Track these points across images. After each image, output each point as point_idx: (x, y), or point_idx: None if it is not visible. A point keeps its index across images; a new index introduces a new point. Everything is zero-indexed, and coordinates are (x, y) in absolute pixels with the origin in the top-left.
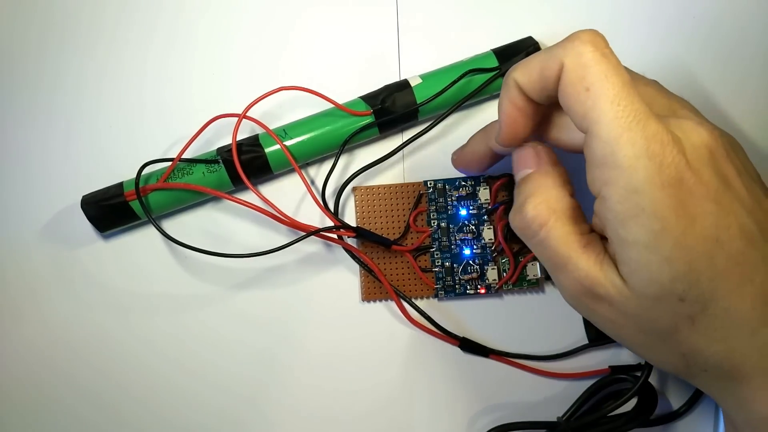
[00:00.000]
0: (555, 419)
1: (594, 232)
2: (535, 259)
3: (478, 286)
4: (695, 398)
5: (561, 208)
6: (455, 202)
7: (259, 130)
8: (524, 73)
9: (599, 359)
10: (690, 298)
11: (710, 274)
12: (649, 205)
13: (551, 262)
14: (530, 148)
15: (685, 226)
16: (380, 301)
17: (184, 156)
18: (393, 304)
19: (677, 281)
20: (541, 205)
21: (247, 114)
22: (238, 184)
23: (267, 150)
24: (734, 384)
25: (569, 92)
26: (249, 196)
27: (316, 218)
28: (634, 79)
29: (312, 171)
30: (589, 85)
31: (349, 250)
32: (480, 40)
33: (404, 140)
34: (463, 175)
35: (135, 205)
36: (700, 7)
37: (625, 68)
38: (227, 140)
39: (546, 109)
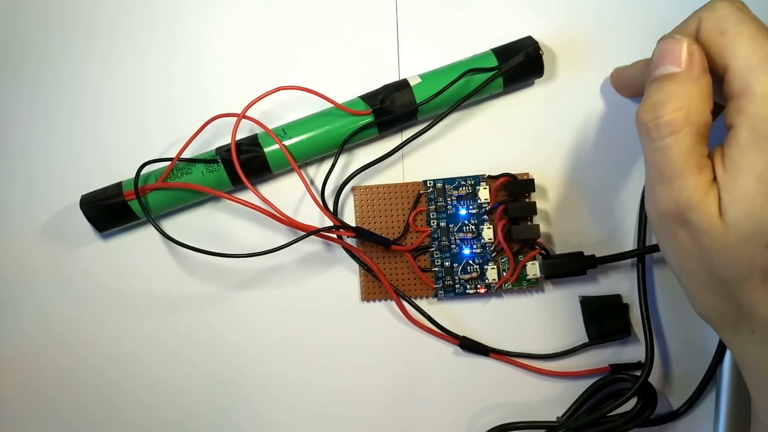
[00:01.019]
0: (555, 419)
1: (710, 159)
2: (534, 258)
3: (478, 286)
4: (695, 398)
5: (698, 122)
6: (455, 202)
7: (258, 130)
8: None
9: (599, 358)
10: None
11: None
12: None
13: (660, 170)
14: (683, 43)
15: None
16: (380, 300)
17: (183, 156)
18: (393, 304)
19: None
20: (681, 111)
21: (246, 114)
22: (237, 184)
23: (266, 150)
24: None
25: (706, 37)
26: (248, 196)
27: (316, 218)
28: None
29: (311, 171)
30: (724, 29)
31: (348, 249)
32: (479, 40)
33: (403, 140)
34: (462, 175)
35: (134, 204)
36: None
37: None
38: (226, 140)
39: None
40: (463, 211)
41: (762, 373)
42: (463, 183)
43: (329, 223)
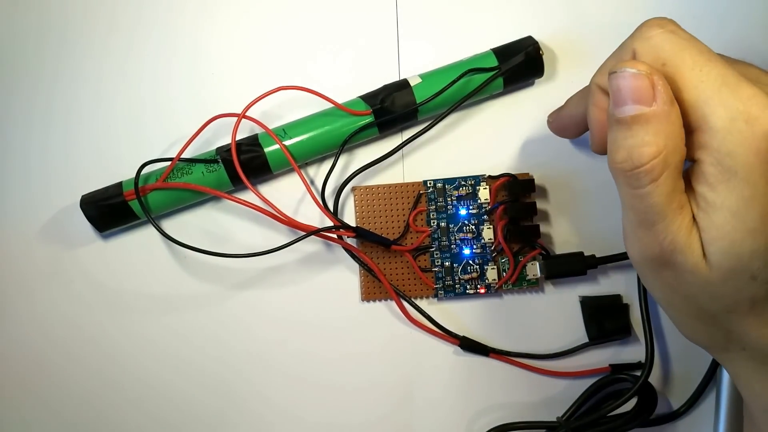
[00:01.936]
0: (555, 419)
1: (685, 193)
2: (534, 258)
3: (478, 286)
4: (695, 398)
5: (675, 162)
6: (455, 202)
7: (258, 130)
8: (602, 74)
9: (599, 358)
10: (762, 277)
11: None
12: (742, 169)
13: (641, 216)
14: (646, 79)
15: None
16: (380, 300)
17: (183, 156)
18: (393, 304)
19: (755, 257)
20: (659, 157)
21: (247, 114)
22: (237, 184)
23: (266, 150)
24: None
25: None
26: (248, 196)
27: (316, 218)
28: (732, 61)
29: (311, 171)
30: (665, 60)
31: (348, 249)
32: (480, 40)
33: (404, 140)
34: (462, 175)
35: (134, 204)
36: (701, 8)
37: (722, 56)
38: (226, 140)
39: None
40: (463, 211)
41: (755, 383)
42: (463, 183)
43: (329, 223)
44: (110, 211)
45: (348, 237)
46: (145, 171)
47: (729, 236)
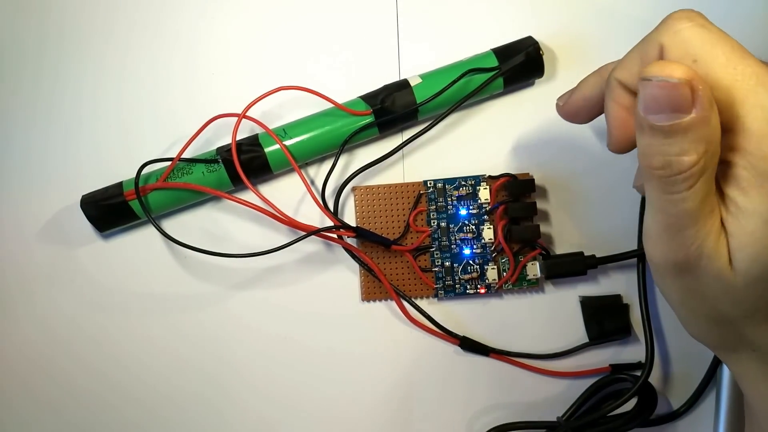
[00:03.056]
0: (555, 419)
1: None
2: (534, 258)
3: (478, 286)
4: (695, 398)
5: (712, 166)
6: (455, 202)
7: (258, 130)
8: (624, 69)
9: (599, 358)
10: None
11: None
12: None
13: (672, 220)
14: (686, 87)
15: None
16: (380, 300)
17: (183, 156)
18: (393, 304)
19: None
20: (699, 165)
21: (247, 114)
22: (237, 184)
23: (267, 150)
24: None
25: None
26: (249, 196)
27: (316, 218)
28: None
29: (312, 171)
30: (696, 56)
31: (349, 249)
32: (480, 40)
33: (404, 140)
34: (462, 175)
35: (134, 204)
36: (700, 8)
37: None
38: (227, 140)
39: None
40: (463, 211)
41: (761, 384)
42: (463, 183)
43: (329, 223)
44: (111, 210)
45: (348, 237)
46: (145, 171)
47: (759, 243)
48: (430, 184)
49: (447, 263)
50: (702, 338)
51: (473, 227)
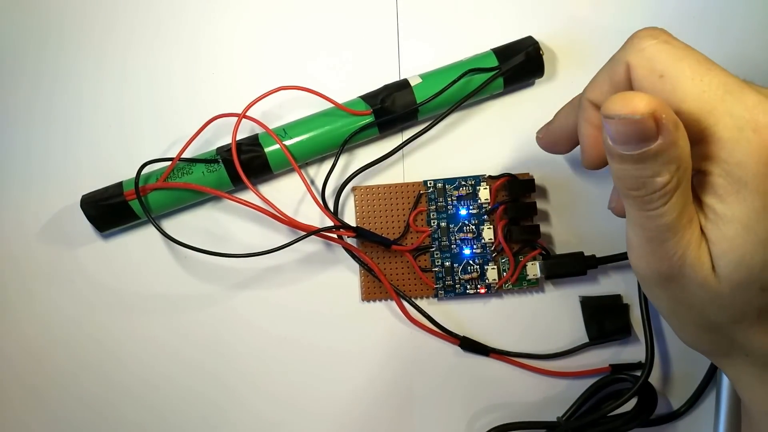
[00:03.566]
0: (555, 419)
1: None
2: (534, 258)
3: (478, 286)
4: (695, 398)
5: (686, 178)
6: (455, 202)
7: (258, 130)
8: (595, 88)
9: (599, 358)
10: None
11: None
12: (752, 180)
13: (652, 233)
14: (649, 120)
15: None
16: (380, 300)
17: (183, 155)
18: (393, 304)
19: (767, 269)
20: (672, 182)
21: (247, 114)
22: (237, 184)
23: (267, 150)
24: None
25: (645, 86)
26: (249, 196)
27: (316, 218)
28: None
29: (312, 171)
30: (662, 72)
31: (349, 249)
32: (480, 40)
33: (404, 140)
34: (462, 175)
35: (134, 204)
36: (700, 8)
37: None
38: (227, 140)
39: None
40: (463, 211)
41: (756, 387)
42: (463, 183)
43: (330, 223)
44: (111, 210)
45: (348, 237)
46: (145, 171)
47: (740, 249)
48: (430, 184)
49: (447, 263)
50: (695, 345)
51: (473, 227)
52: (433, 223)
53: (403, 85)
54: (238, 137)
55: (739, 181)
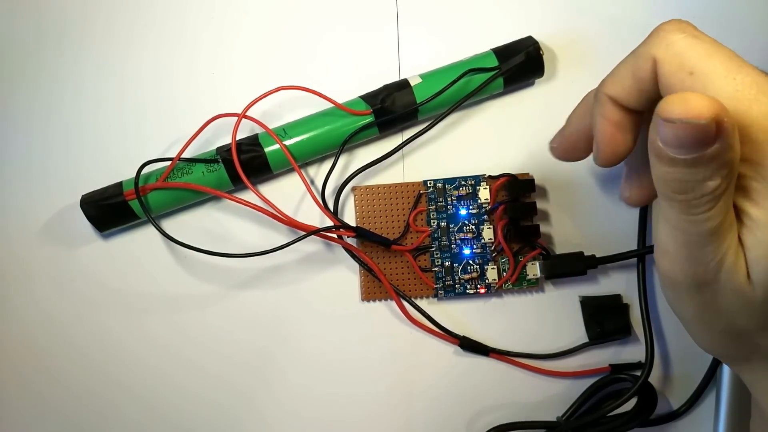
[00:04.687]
0: (555, 419)
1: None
2: (534, 258)
3: (478, 286)
4: (695, 398)
5: (732, 183)
6: (455, 202)
7: (258, 130)
8: (615, 83)
9: (599, 358)
10: None
11: None
12: None
13: (693, 238)
14: (713, 124)
15: None
16: (380, 300)
17: (183, 155)
18: (393, 304)
19: None
20: (722, 186)
21: (247, 113)
22: (237, 184)
23: (266, 149)
24: None
25: (673, 83)
26: (248, 196)
27: (316, 218)
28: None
29: (312, 170)
30: (692, 68)
31: (349, 249)
32: (480, 40)
33: (404, 140)
34: (462, 175)
35: (134, 204)
36: (700, 8)
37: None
38: (227, 140)
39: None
40: (463, 211)
41: None
42: (463, 183)
43: (329, 222)
44: (110, 210)
45: (348, 237)
46: (145, 171)
47: None
48: (430, 184)
49: (447, 263)
50: (714, 351)
51: (473, 227)
52: (433, 223)
53: (403, 85)
54: (238, 137)
55: None
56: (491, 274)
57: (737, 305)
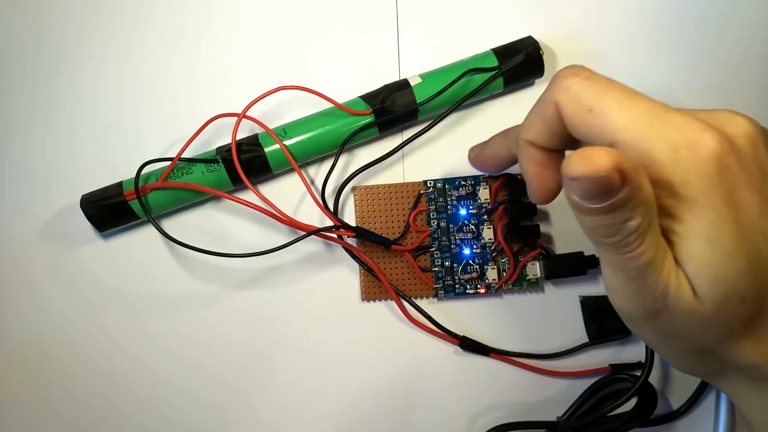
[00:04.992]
0: (555, 419)
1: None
2: (534, 258)
3: (478, 286)
4: (695, 398)
5: (655, 216)
6: (455, 202)
7: (258, 130)
8: (529, 130)
9: (599, 358)
10: (750, 297)
11: (763, 270)
12: (701, 195)
13: (632, 274)
14: (615, 174)
15: (735, 216)
16: (380, 300)
17: (183, 155)
18: (393, 304)
19: (740, 278)
20: (643, 226)
21: (247, 113)
22: (237, 184)
23: (266, 149)
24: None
25: (576, 122)
26: (249, 196)
27: (316, 218)
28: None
29: (312, 171)
30: (590, 107)
31: (348, 249)
32: (480, 40)
33: (404, 140)
34: (462, 175)
35: (134, 204)
36: (700, 8)
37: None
38: (227, 140)
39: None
40: (463, 211)
41: (756, 400)
42: (463, 183)
43: (329, 222)
44: (110, 210)
45: (348, 237)
46: (145, 171)
47: (711, 264)
48: (430, 184)
49: (447, 263)
50: (687, 370)
51: (473, 227)
52: (433, 223)
53: (403, 85)
54: (238, 137)
55: (689, 198)
56: (491, 274)
57: (692, 325)
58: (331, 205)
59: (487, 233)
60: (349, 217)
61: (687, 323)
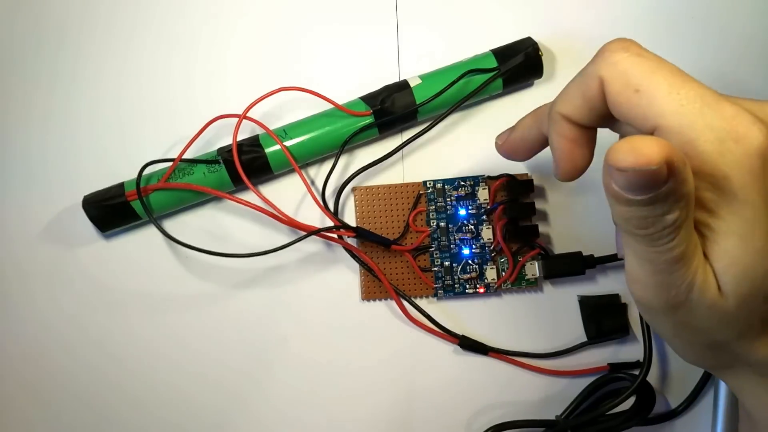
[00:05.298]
0: (554, 417)
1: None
2: (533, 258)
3: (477, 286)
4: (693, 397)
5: (692, 210)
6: (454, 202)
7: (259, 131)
8: (566, 103)
9: (598, 357)
10: None
11: None
12: (740, 191)
13: (661, 266)
14: (664, 167)
15: None
16: (380, 300)
17: (185, 156)
18: (393, 304)
19: (767, 277)
20: (682, 216)
21: (248, 114)
22: (238, 184)
23: (267, 150)
24: None
25: (620, 101)
26: (249, 196)
27: (316, 218)
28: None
29: (312, 171)
30: (637, 86)
31: (349, 249)
32: (479, 41)
33: (404, 140)
34: (462, 176)
35: (136, 205)
36: (700, 8)
37: None
38: (228, 141)
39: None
40: (462, 212)
41: (762, 395)
42: (462, 183)
43: (330, 223)
44: (112, 211)
45: (348, 237)
46: (146, 171)
47: (741, 261)
48: (430, 184)
49: (446, 263)
50: (697, 362)
51: (472, 227)
52: (433, 223)
53: (403, 85)
54: (239, 138)
55: (729, 193)
56: (490, 273)
57: (713, 320)
58: (331, 206)
59: (486, 233)
60: (350, 218)
61: (707, 317)
